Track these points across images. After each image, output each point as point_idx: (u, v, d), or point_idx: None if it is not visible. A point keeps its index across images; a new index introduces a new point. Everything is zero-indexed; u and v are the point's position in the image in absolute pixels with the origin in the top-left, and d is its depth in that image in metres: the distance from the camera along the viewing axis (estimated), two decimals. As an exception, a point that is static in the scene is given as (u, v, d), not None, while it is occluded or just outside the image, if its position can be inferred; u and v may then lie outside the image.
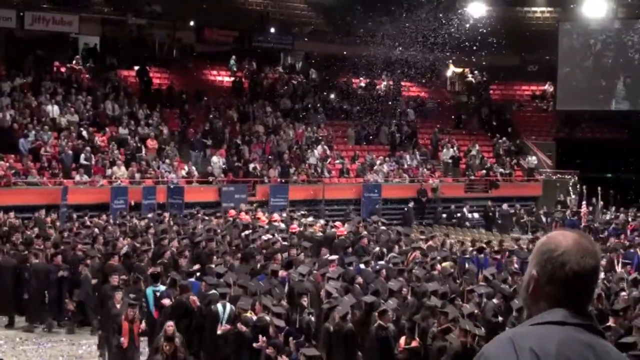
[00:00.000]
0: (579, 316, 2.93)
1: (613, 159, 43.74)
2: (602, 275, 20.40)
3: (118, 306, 16.14)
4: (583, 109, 47.61)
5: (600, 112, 47.88)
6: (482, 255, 23.31)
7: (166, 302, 16.33)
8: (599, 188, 37.67)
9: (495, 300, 16.76)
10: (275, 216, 29.54)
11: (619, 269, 22.28)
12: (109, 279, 18.18)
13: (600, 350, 2.88)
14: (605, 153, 44.07)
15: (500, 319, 15.97)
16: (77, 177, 31.97)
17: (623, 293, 17.49)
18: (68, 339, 19.41)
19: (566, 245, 2.96)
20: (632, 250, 25.45)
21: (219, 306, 15.73)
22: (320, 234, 26.46)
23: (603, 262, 21.68)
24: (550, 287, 2.96)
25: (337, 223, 28.34)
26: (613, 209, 38.64)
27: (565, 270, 2.94)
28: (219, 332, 15.44)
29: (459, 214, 38.68)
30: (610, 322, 14.45)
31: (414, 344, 14.24)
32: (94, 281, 19.80)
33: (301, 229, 26.98)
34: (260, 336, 14.10)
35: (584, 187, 39.34)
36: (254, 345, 13.99)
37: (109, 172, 32.71)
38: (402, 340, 14.37)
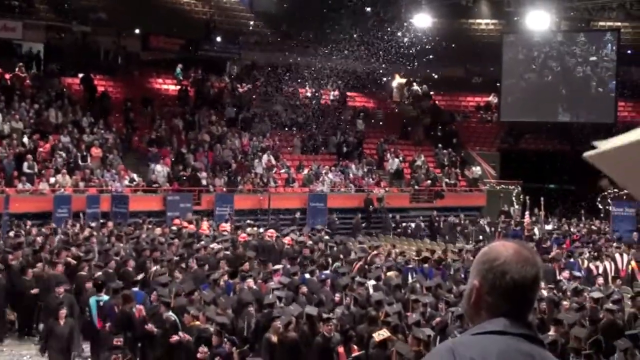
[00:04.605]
0: (519, 326, 2.95)
1: (556, 170, 44.30)
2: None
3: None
4: (526, 120, 48.15)
5: (543, 124, 48.47)
6: (426, 265, 23.44)
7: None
8: (542, 199, 38.08)
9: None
10: (224, 226, 29.54)
11: (560, 278, 22.51)
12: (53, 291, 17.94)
13: (539, 359, 2.92)
14: (548, 164, 44.62)
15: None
16: (20, 186, 31.55)
17: (565, 302, 17.70)
18: (9, 350, 19.11)
19: (506, 255, 2.99)
20: (572, 260, 25.80)
21: (171, 314, 15.59)
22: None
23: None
24: (492, 296, 2.98)
25: (271, 231, 28.38)
26: (555, 219, 39.13)
27: (506, 279, 2.96)
28: (177, 338, 15.01)
29: (404, 224, 38.81)
30: (552, 332, 14.59)
31: (355, 352, 14.23)
32: (35, 290, 19.55)
33: (249, 238, 27.03)
34: (202, 346, 13.98)
35: (527, 197, 39.74)
36: (198, 355, 13.88)
37: (52, 180, 32.33)
38: (341, 349, 14.33)
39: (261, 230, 29.44)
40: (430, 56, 48.11)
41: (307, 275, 20.47)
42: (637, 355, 13.67)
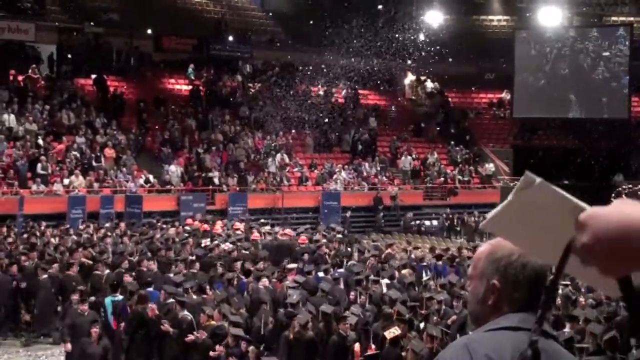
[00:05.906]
0: (533, 321, 2.94)
1: (570, 166, 44.15)
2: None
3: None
4: (539, 116, 48.00)
5: (556, 120, 48.30)
6: (440, 263, 23.39)
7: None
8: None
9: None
10: (238, 225, 29.57)
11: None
12: (69, 295, 17.94)
13: (553, 354, 2.90)
14: (562, 160, 44.45)
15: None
16: (34, 187, 31.64)
17: (580, 299, 17.64)
18: (25, 351, 19.17)
19: (517, 248, 2.98)
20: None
21: (187, 314, 15.60)
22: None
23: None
24: (517, 292, 2.95)
25: (287, 230, 28.39)
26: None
27: (528, 270, 2.95)
28: (192, 338, 14.99)
29: (417, 222, 38.76)
30: (567, 328, 14.54)
31: (370, 350, 14.22)
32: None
33: (261, 237, 27.00)
34: (217, 346, 14.01)
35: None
36: (211, 353, 13.89)
37: (66, 181, 32.42)
38: (357, 347, 14.33)
39: (276, 229, 29.43)
40: (442, 53, 47.99)
41: (321, 274, 20.45)
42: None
